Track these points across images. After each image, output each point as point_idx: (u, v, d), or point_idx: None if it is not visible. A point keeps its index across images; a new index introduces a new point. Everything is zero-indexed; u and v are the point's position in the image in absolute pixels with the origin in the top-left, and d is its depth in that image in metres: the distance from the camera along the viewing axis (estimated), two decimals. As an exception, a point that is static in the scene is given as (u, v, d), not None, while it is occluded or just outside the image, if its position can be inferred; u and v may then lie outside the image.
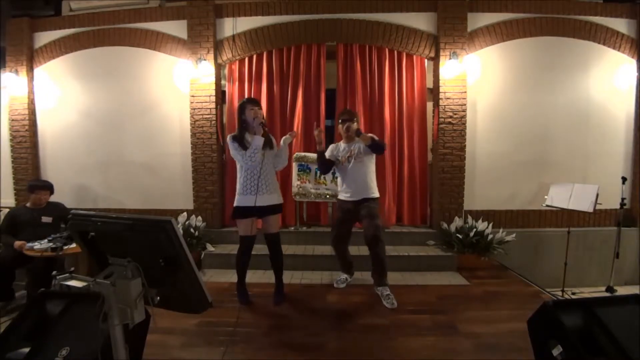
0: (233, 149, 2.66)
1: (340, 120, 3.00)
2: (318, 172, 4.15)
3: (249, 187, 2.67)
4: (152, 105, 4.38)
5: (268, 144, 2.66)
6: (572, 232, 3.81)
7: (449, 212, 4.14)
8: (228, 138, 2.72)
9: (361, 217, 2.92)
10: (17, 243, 2.86)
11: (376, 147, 2.81)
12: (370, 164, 2.98)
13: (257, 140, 2.59)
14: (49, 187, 3.29)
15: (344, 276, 3.27)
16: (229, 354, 2.13)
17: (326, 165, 3.01)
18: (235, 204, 2.73)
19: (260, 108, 2.74)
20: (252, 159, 2.60)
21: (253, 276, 3.31)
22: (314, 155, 4.14)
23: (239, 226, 2.73)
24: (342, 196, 3.04)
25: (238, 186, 2.73)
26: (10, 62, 4.43)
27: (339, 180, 3.13)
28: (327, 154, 3.04)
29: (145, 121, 4.39)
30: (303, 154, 4.15)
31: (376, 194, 2.99)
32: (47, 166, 4.57)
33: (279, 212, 2.82)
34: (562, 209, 3.84)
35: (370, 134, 2.88)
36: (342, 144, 3.05)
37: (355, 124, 2.93)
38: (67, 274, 1.10)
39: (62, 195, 3.92)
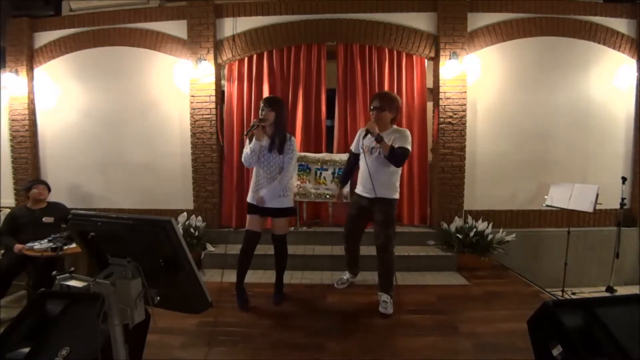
0: None
1: (371, 107, 2.71)
2: (318, 172, 4.14)
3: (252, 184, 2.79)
4: (152, 105, 4.37)
5: (267, 146, 2.66)
6: (572, 232, 3.81)
7: (449, 212, 4.14)
8: None
9: (374, 220, 2.76)
10: (18, 246, 2.80)
11: (393, 160, 2.57)
12: None
13: (254, 143, 2.61)
14: (45, 183, 3.27)
15: (345, 277, 3.26)
16: (229, 354, 2.13)
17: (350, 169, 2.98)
18: None
19: (271, 107, 2.62)
20: (244, 158, 2.67)
21: (253, 276, 3.30)
22: (314, 155, 4.15)
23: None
24: (359, 190, 2.84)
25: None
26: (10, 62, 4.42)
27: (359, 172, 2.85)
28: (355, 141, 2.90)
29: (145, 121, 4.39)
30: (303, 154, 4.14)
31: (395, 195, 2.75)
32: (47, 166, 4.56)
33: (284, 215, 2.75)
34: (562, 209, 3.84)
35: (391, 144, 2.57)
36: None
37: (386, 112, 2.64)
38: (67, 274, 1.11)
39: (61, 195, 3.92)
